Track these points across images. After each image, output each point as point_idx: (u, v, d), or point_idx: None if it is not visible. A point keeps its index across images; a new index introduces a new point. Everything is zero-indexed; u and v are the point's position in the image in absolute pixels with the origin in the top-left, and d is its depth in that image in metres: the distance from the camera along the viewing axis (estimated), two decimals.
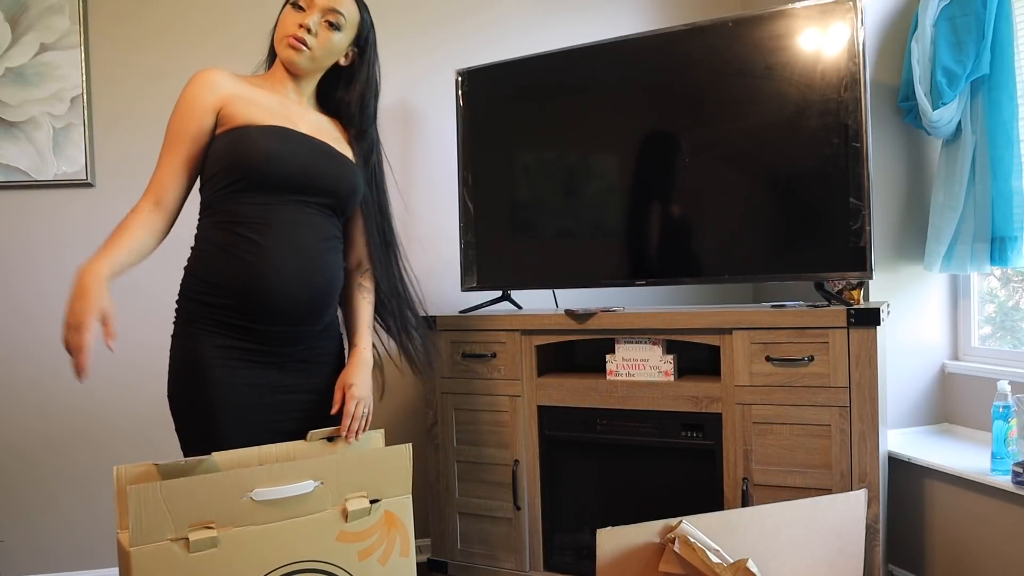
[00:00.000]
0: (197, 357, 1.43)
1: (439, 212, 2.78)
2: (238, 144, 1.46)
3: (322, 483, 1.32)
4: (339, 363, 1.64)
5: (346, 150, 1.64)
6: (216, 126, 1.50)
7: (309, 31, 1.51)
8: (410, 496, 1.43)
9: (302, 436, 1.50)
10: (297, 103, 1.61)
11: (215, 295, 1.45)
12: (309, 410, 1.56)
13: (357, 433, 1.52)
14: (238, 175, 1.46)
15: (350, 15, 1.57)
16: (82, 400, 2.60)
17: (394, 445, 1.42)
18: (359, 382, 1.57)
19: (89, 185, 2.59)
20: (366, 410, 1.56)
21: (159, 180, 1.48)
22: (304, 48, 1.53)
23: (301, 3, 1.52)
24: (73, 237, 2.60)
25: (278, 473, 1.28)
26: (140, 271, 1.58)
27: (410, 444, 1.44)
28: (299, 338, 1.53)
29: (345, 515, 1.34)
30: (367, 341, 1.63)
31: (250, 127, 1.48)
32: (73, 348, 1.26)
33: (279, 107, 1.55)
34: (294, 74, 1.59)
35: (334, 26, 1.55)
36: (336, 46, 1.57)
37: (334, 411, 1.54)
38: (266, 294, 1.45)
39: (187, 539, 1.21)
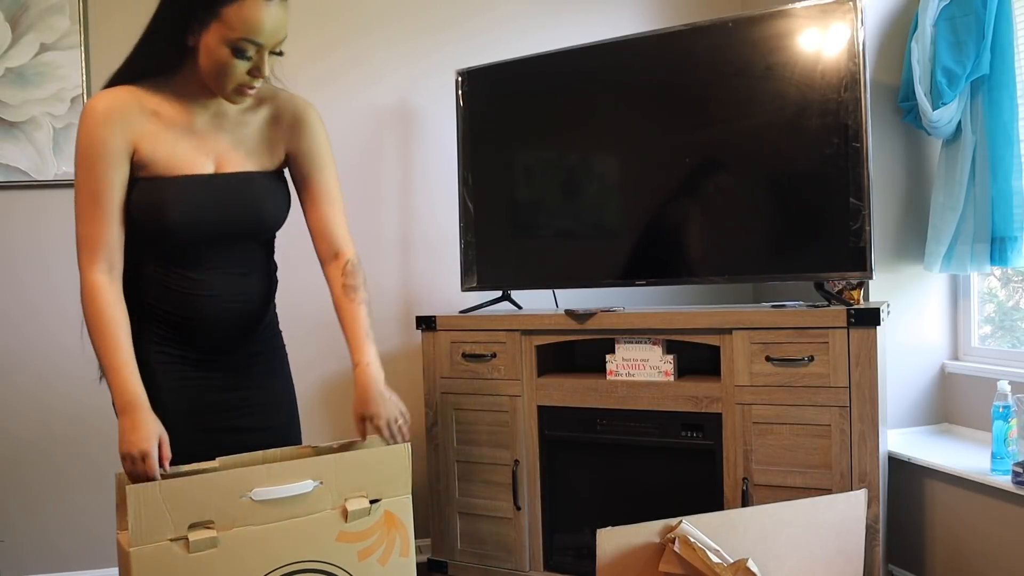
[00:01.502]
0: (145, 356, 1.42)
1: (439, 212, 2.78)
2: (156, 211, 1.38)
3: (322, 483, 1.32)
4: (279, 357, 1.61)
5: (269, 152, 1.48)
6: (131, 167, 1.39)
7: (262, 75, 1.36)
8: (410, 496, 1.42)
9: (258, 430, 1.50)
10: (215, 109, 1.44)
11: (156, 316, 1.45)
12: (260, 404, 1.54)
13: (405, 435, 1.45)
14: (162, 239, 1.41)
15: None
16: (82, 400, 2.60)
17: (393, 445, 1.42)
18: (377, 410, 1.42)
19: None
20: (400, 420, 1.45)
21: (100, 240, 1.37)
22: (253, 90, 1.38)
23: (249, 53, 1.31)
24: (72, 238, 2.59)
25: (277, 473, 1.28)
26: None
27: (408, 444, 1.43)
28: (234, 350, 1.52)
29: (345, 515, 1.34)
30: (371, 354, 1.44)
31: (164, 185, 1.37)
32: (141, 477, 1.27)
33: (189, 134, 1.40)
34: None
35: (277, 53, 1.37)
36: None
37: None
38: (202, 324, 1.45)
39: (187, 539, 1.21)
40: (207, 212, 1.40)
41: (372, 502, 1.38)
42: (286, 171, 1.54)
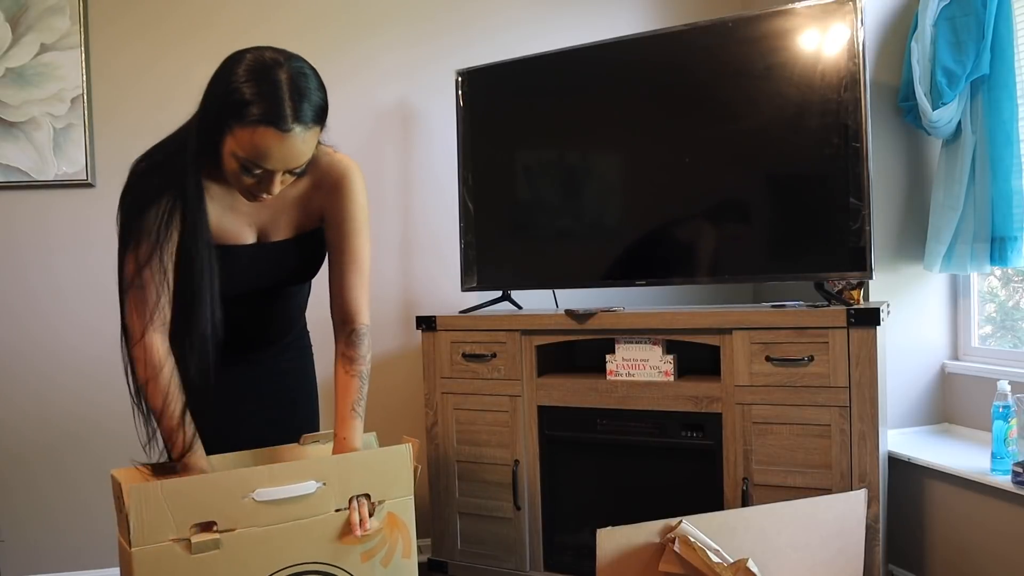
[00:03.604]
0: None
1: (439, 212, 2.78)
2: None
3: (324, 484, 1.32)
4: (305, 356, 1.70)
5: (307, 217, 1.49)
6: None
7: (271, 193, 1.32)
8: (412, 497, 1.42)
9: (280, 422, 1.55)
10: None
11: None
12: (283, 397, 1.62)
13: (364, 524, 1.35)
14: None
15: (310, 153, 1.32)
16: (82, 402, 2.60)
17: (394, 445, 1.42)
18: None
19: (89, 185, 2.59)
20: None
21: (155, 304, 1.32)
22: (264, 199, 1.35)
23: (256, 172, 1.26)
24: (73, 237, 2.60)
25: (279, 474, 1.28)
26: None
27: (409, 444, 1.42)
28: (265, 350, 1.60)
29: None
30: (351, 430, 1.42)
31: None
32: None
33: (232, 210, 1.41)
34: None
35: (293, 172, 1.31)
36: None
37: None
38: (236, 335, 1.49)
39: (189, 540, 1.21)
40: (248, 279, 1.46)
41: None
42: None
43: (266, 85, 1.21)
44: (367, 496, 1.35)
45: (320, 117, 1.28)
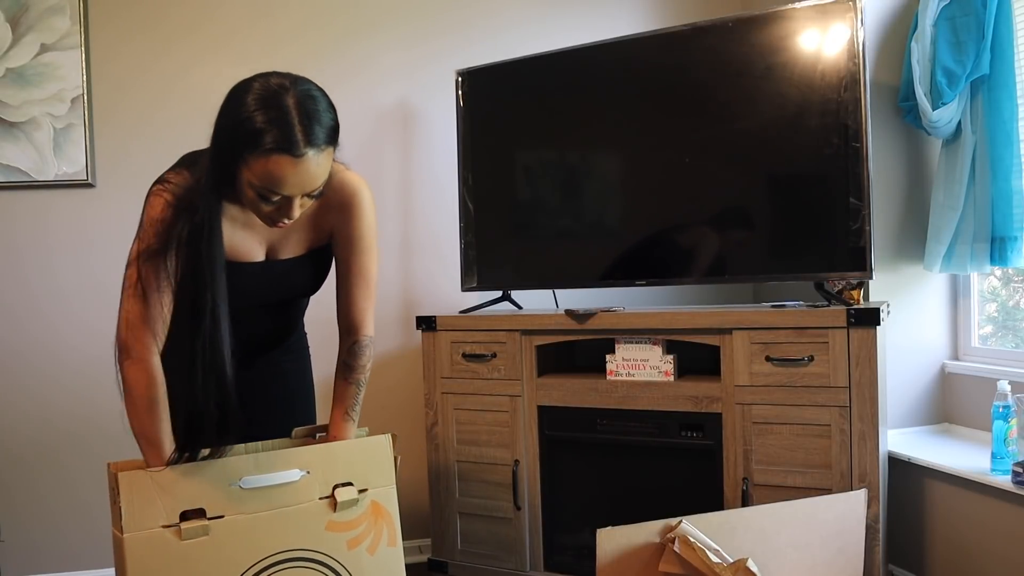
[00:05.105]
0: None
1: (439, 212, 2.78)
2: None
3: (308, 472, 1.34)
4: (303, 359, 1.74)
5: (316, 234, 1.50)
6: None
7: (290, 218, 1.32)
8: (395, 487, 1.45)
9: (276, 424, 1.55)
10: None
11: None
12: (280, 400, 1.65)
13: None
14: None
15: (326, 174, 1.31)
16: (82, 403, 2.60)
17: (374, 436, 1.44)
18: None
19: (89, 185, 2.59)
20: None
21: (156, 320, 1.32)
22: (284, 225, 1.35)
23: (273, 199, 1.26)
24: (73, 237, 2.60)
25: (264, 462, 1.32)
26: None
27: (389, 435, 1.45)
28: (264, 354, 1.63)
29: (334, 505, 1.38)
30: (344, 433, 1.47)
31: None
32: None
33: (244, 227, 1.43)
34: None
35: (312, 196, 1.31)
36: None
37: None
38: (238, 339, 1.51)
39: (179, 526, 1.23)
40: (256, 295, 1.48)
41: (359, 492, 1.40)
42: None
43: (275, 112, 1.20)
44: (349, 484, 1.39)
45: (332, 138, 1.27)
